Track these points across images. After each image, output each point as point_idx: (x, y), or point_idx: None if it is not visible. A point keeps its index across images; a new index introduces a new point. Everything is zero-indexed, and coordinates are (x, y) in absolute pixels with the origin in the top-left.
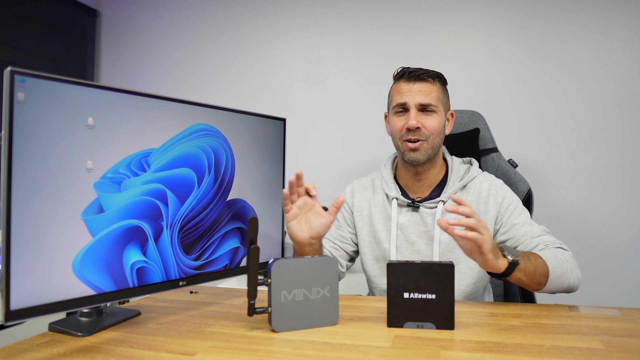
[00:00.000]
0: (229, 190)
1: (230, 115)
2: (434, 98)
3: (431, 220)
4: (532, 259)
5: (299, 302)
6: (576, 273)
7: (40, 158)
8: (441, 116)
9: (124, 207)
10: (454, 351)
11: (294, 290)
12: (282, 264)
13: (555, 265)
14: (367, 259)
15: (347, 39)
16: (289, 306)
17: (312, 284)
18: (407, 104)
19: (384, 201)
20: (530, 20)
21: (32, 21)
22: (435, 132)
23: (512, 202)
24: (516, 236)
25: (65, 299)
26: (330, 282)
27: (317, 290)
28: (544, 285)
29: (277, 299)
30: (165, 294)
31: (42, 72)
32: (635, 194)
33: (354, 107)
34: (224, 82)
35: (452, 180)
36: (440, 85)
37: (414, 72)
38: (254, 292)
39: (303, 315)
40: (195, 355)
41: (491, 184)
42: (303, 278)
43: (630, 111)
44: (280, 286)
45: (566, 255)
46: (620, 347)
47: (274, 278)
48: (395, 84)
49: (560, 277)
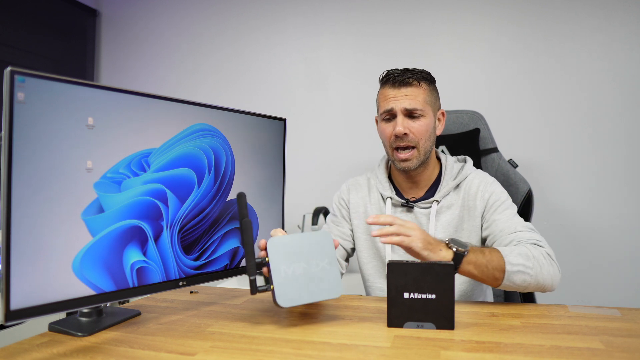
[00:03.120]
0: (229, 190)
1: (230, 115)
2: (420, 102)
3: (425, 221)
4: (485, 253)
5: (300, 276)
6: (549, 270)
7: (40, 158)
8: (429, 119)
9: (124, 207)
10: (454, 351)
11: (293, 265)
12: (277, 241)
13: (516, 260)
14: (363, 256)
15: (346, 38)
16: (291, 280)
17: (310, 257)
18: (394, 110)
19: (379, 200)
20: (530, 20)
21: (32, 21)
22: (424, 137)
23: (499, 199)
24: (494, 232)
25: (65, 299)
26: (328, 254)
27: (316, 263)
28: (501, 281)
29: (277, 274)
30: (165, 294)
31: (42, 72)
32: (635, 193)
33: (354, 107)
34: (223, 82)
35: (446, 180)
36: (427, 86)
37: (399, 77)
38: (253, 267)
39: (306, 288)
40: (195, 355)
41: (481, 180)
42: (300, 252)
43: (630, 111)
44: (278, 262)
45: (538, 251)
46: (620, 347)
47: (271, 255)
48: (381, 89)
49: (523, 272)
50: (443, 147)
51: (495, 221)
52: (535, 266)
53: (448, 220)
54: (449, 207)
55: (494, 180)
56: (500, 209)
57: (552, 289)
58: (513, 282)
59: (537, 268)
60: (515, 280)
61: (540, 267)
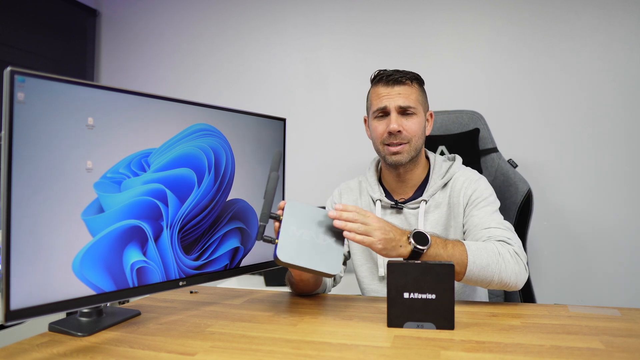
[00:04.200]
0: (229, 190)
1: (230, 115)
2: (413, 100)
3: (414, 221)
4: (448, 247)
5: (305, 241)
6: (513, 269)
7: (40, 158)
8: (421, 118)
9: (124, 207)
10: (454, 351)
11: (303, 230)
12: (296, 204)
13: (480, 255)
14: (357, 259)
15: (346, 38)
16: (296, 240)
17: (320, 230)
18: (387, 108)
19: (370, 203)
20: (530, 20)
21: (32, 21)
22: (417, 135)
23: (481, 195)
24: (469, 227)
25: (65, 299)
26: (337, 234)
27: (324, 238)
28: (462, 275)
29: (286, 232)
30: (165, 294)
31: (42, 72)
32: (635, 193)
33: (354, 107)
34: (223, 82)
35: (434, 179)
36: (419, 86)
37: (392, 76)
38: (265, 216)
39: (307, 253)
40: (195, 355)
41: (467, 178)
42: (313, 222)
43: (630, 111)
44: (290, 222)
45: (505, 249)
46: (620, 347)
47: (286, 214)
48: (373, 88)
49: (485, 268)
50: (443, 147)
51: (472, 216)
52: (499, 262)
53: (436, 218)
54: (437, 206)
55: (480, 177)
56: (480, 205)
57: (517, 287)
58: (474, 277)
59: (501, 265)
60: (477, 274)
61: (505, 265)
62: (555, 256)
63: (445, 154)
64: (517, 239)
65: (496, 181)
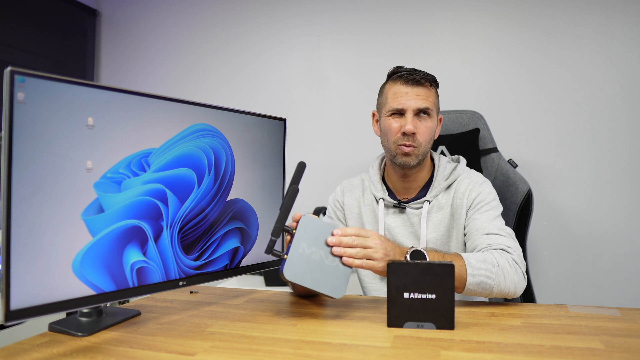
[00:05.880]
0: (229, 190)
1: (230, 115)
2: (431, 103)
3: (417, 221)
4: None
5: (314, 260)
6: (512, 278)
7: (40, 158)
8: (435, 121)
9: (124, 207)
10: (454, 351)
11: (313, 248)
12: (311, 220)
13: (479, 269)
14: None
15: (346, 38)
16: (305, 259)
17: (330, 250)
18: (405, 108)
19: (372, 201)
20: (530, 19)
21: (32, 21)
22: (428, 139)
23: (484, 199)
24: (470, 230)
25: (65, 299)
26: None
27: (334, 259)
28: (462, 289)
29: (296, 248)
30: (165, 294)
31: (42, 72)
32: (635, 193)
33: (354, 107)
34: (223, 82)
35: (438, 180)
36: (435, 90)
37: (413, 76)
38: (278, 230)
39: (313, 274)
40: (195, 355)
41: (471, 181)
42: (324, 242)
43: (630, 111)
44: (302, 238)
45: (504, 258)
46: (620, 347)
47: (299, 229)
48: (391, 85)
49: (484, 281)
50: (443, 147)
51: (474, 220)
52: (498, 275)
53: (439, 220)
54: (441, 208)
55: (484, 181)
56: (483, 209)
57: (516, 295)
58: (474, 290)
59: (500, 277)
60: (476, 287)
61: (504, 276)
62: (555, 256)
63: (445, 154)
64: (517, 247)
65: (496, 181)
